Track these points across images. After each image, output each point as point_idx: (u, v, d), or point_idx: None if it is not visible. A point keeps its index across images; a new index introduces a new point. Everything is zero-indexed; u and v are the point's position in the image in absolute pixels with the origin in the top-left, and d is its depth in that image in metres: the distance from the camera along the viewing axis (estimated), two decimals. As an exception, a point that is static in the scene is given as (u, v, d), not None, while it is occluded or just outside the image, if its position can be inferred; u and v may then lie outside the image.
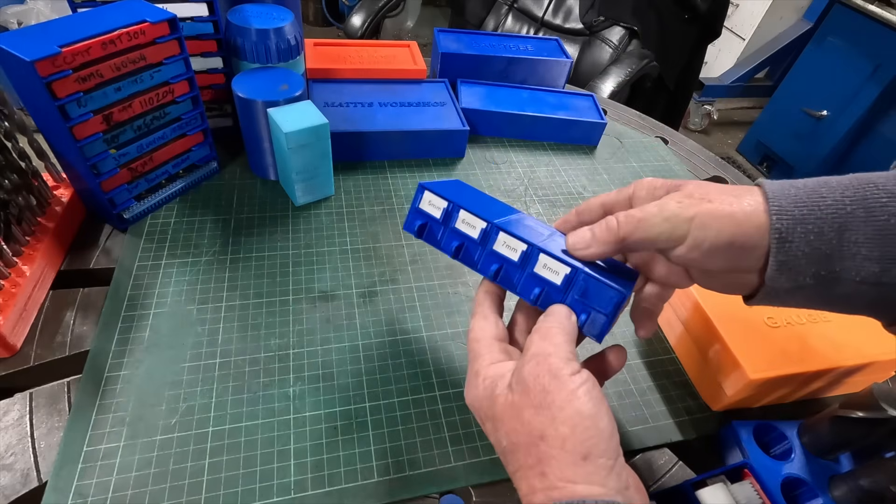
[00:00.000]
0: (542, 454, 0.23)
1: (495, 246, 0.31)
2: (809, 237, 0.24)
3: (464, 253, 0.32)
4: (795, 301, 0.26)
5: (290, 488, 0.34)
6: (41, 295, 0.43)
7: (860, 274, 0.23)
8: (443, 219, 0.33)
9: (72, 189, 0.49)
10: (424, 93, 0.69)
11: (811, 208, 0.24)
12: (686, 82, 1.30)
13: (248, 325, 0.43)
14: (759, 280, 0.26)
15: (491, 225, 0.30)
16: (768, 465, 0.36)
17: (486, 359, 0.28)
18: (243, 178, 0.58)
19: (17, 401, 0.37)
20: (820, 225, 0.23)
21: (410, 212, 0.34)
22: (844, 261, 0.23)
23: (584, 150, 0.72)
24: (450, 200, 0.32)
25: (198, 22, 0.52)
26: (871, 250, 0.23)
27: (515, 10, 1.38)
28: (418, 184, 0.33)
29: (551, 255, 0.29)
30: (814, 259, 0.24)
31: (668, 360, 0.46)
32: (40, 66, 0.37)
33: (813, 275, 0.24)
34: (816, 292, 0.25)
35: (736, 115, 2.46)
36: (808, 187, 0.25)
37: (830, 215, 0.23)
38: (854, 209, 0.23)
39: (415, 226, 0.34)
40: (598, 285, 0.27)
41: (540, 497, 0.22)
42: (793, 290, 0.25)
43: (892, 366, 0.41)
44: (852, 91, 1.77)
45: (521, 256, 0.30)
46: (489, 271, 0.31)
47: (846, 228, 0.23)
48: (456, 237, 0.32)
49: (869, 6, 1.65)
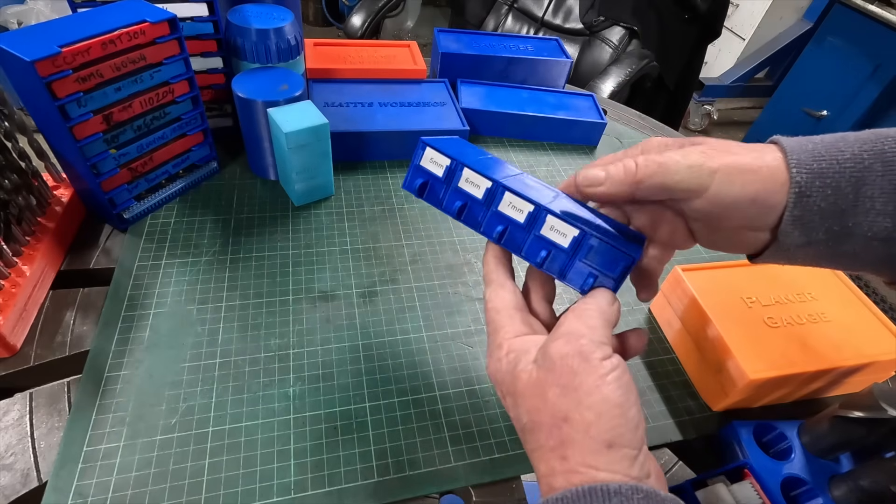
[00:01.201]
0: (564, 436, 0.22)
1: (500, 206, 0.29)
2: (827, 192, 0.23)
3: (467, 213, 0.30)
4: (804, 257, 0.26)
5: (290, 488, 0.34)
6: (41, 295, 0.43)
7: (872, 229, 0.23)
8: (445, 177, 0.31)
9: (72, 189, 0.49)
10: (424, 93, 0.69)
11: (830, 162, 0.23)
12: (686, 82, 1.30)
13: (248, 325, 0.43)
14: (771, 237, 0.25)
15: (496, 184, 0.29)
16: (768, 465, 0.36)
17: (509, 330, 0.27)
18: (243, 178, 0.58)
19: (17, 401, 0.37)
20: (838, 179, 0.23)
21: (410, 169, 0.32)
22: (858, 216, 0.23)
23: (584, 150, 0.72)
24: (453, 158, 0.30)
25: (198, 22, 0.52)
26: (886, 205, 0.23)
27: (515, 10, 1.38)
28: (419, 139, 0.31)
29: (559, 217, 0.27)
30: (829, 214, 0.24)
31: (668, 360, 0.46)
32: (40, 66, 0.37)
33: (826, 230, 0.24)
34: (826, 247, 0.25)
35: (736, 115, 2.46)
36: (826, 142, 0.24)
37: (849, 169, 0.23)
38: (872, 163, 0.23)
39: (415, 184, 0.32)
40: (607, 248, 0.26)
41: (560, 480, 0.22)
42: (804, 246, 0.25)
43: (892, 366, 0.41)
44: (852, 91, 1.77)
45: (528, 218, 0.28)
46: (493, 233, 0.30)
47: (863, 183, 0.23)
48: (459, 197, 0.30)
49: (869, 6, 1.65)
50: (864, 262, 0.25)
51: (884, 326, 0.43)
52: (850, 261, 0.25)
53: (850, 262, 0.25)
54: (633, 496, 0.20)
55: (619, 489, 0.20)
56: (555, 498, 0.21)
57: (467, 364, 0.43)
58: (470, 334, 0.45)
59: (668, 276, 0.47)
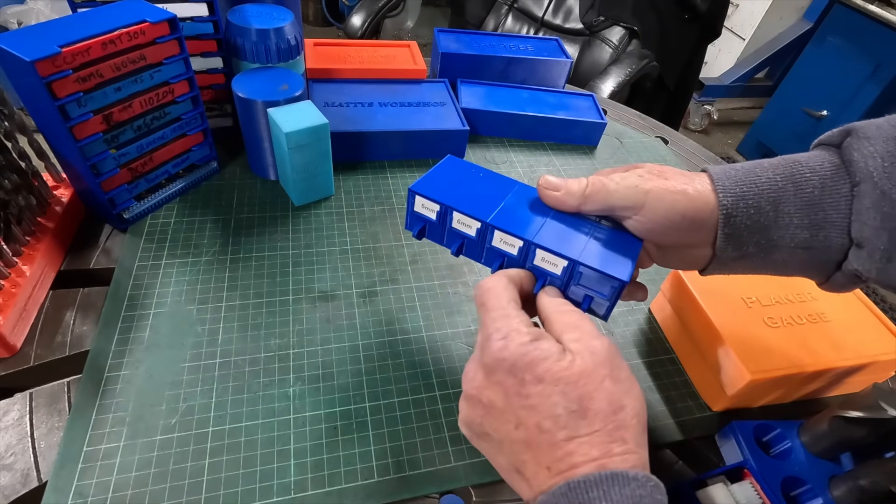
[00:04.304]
0: (620, 422, 0.24)
1: (493, 243, 0.31)
2: (750, 211, 0.28)
3: (466, 250, 0.33)
4: (742, 268, 0.30)
5: (290, 488, 0.34)
6: (41, 295, 0.43)
7: (794, 240, 0.28)
8: (438, 221, 0.33)
9: (72, 189, 0.49)
10: (424, 93, 0.69)
11: (749, 186, 0.28)
12: (686, 82, 1.30)
13: (248, 325, 0.43)
14: (712, 252, 0.30)
15: (485, 225, 0.31)
16: (768, 465, 0.36)
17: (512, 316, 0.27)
18: (243, 178, 0.58)
19: (17, 401, 0.37)
20: (758, 200, 0.28)
21: (407, 214, 0.35)
22: (780, 230, 0.28)
23: (584, 150, 0.72)
24: (441, 203, 0.32)
25: (198, 22, 0.52)
26: (802, 219, 0.27)
27: (515, 10, 1.38)
28: (408, 188, 0.33)
29: (548, 251, 0.29)
30: (754, 230, 0.28)
31: (668, 360, 0.46)
32: (40, 66, 0.37)
33: (755, 243, 0.28)
34: (759, 258, 0.29)
35: (736, 115, 2.46)
36: (745, 169, 0.29)
37: (766, 191, 0.28)
38: (784, 185, 0.27)
39: (415, 229, 0.35)
40: (596, 274, 0.28)
41: (616, 461, 0.23)
42: (739, 258, 0.29)
43: (892, 366, 0.41)
44: (852, 91, 1.77)
45: (520, 252, 0.30)
46: (494, 265, 0.32)
47: (780, 202, 0.27)
48: (455, 237, 0.33)
49: (869, 6, 1.65)
50: (794, 268, 0.29)
51: (884, 326, 0.43)
52: (781, 268, 0.30)
53: (783, 269, 0.30)
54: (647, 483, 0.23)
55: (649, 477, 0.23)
56: (628, 476, 0.22)
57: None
58: (470, 334, 0.45)
59: (668, 277, 0.47)
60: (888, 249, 0.26)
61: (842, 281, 0.29)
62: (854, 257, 0.27)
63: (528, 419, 0.25)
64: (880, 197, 0.25)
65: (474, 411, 0.27)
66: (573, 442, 0.24)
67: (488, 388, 0.26)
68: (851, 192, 0.27)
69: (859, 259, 0.27)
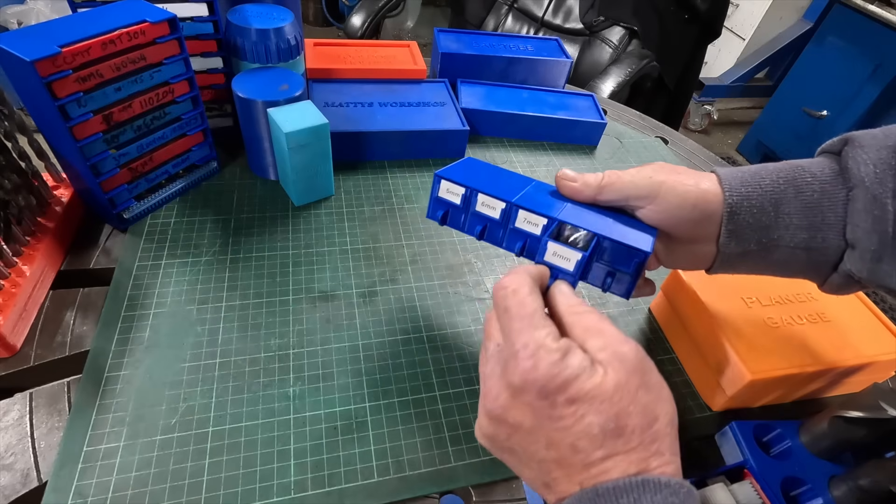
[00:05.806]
0: (655, 434, 0.23)
1: (517, 223, 0.32)
2: (753, 210, 0.29)
3: (488, 234, 0.34)
4: (745, 267, 0.32)
5: (290, 488, 0.34)
6: (41, 295, 0.43)
7: (793, 241, 0.29)
8: (463, 205, 0.34)
9: (72, 189, 0.49)
10: (424, 93, 0.69)
11: (753, 187, 0.29)
12: (686, 82, 1.30)
13: (248, 325, 0.43)
14: (716, 249, 0.31)
15: (510, 204, 0.32)
16: (768, 465, 0.36)
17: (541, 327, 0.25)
18: (243, 178, 0.58)
19: (17, 401, 0.37)
20: (761, 201, 0.29)
21: (431, 201, 0.35)
22: (780, 230, 0.29)
23: (585, 150, 0.72)
24: (467, 186, 0.33)
25: (198, 22, 0.52)
26: (801, 220, 0.29)
27: (515, 10, 1.38)
28: (434, 173, 0.34)
29: (572, 224, 0.30)
30: (756, 228, 0.29)
31: (668, 360, 0.46)
32: (40, 66, 0.37)
33: (756, 241, 0.30)
34: (760, 257, 0.30)
35: (736, 115, 2.46)
36: (751, 171, 0.30)
37: (769, 192, 0.29)
38: (786, 188, 0.29)
39: (437, 215, 0.35)
40: (620, 247, 0.29)
41: (657, 472, 0.23)
42: (742, 256, 0.31)
43: (892, 366, 0.41)
44: (852, 91, 1.77)
45: (543, 230, 0.31)
46: (515, 248, 0.32)
47: (781, 203, 0.29)
48: (478, 220, 0.34)
49: (869, 6, 1.65)
50: (795, 269, 0.31)
51: (884, 326, 0.43)
52: (783, 268, 0.31)
53: (784, 269, 0.31)
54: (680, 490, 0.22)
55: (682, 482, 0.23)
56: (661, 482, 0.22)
57: (467, 364, 0.43)
58: (470, 334, 0.45)
59: (668, 276, 0.47)
60: (878, 251, 0.27)
61: (838, 282, 0.30)
62: (848, 258, 0.29)
63: (561, 441, 0.24)
64: (871, 201, 0.27)
65: (499, 430, 0.26)
66: (610, 460, 0.23)
67: (515, 409, 0.25)
68: (847, 197, 0.28)
69: (852, 259, 0.28)
